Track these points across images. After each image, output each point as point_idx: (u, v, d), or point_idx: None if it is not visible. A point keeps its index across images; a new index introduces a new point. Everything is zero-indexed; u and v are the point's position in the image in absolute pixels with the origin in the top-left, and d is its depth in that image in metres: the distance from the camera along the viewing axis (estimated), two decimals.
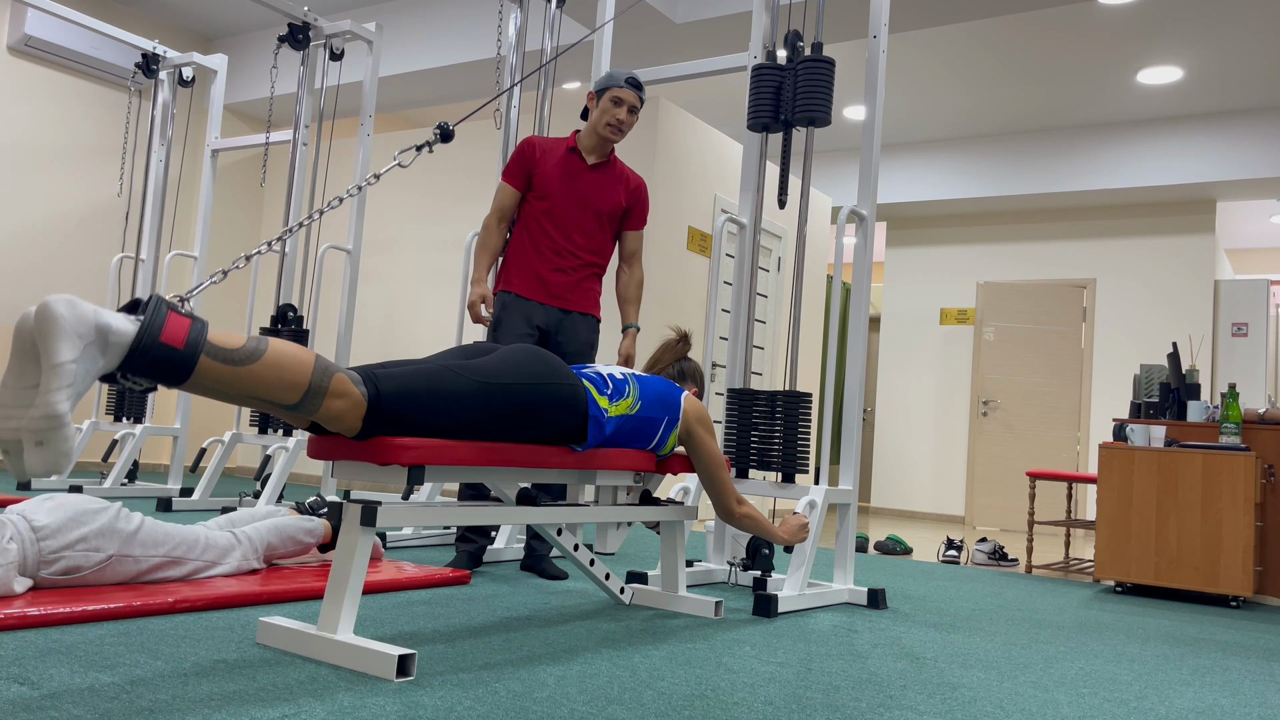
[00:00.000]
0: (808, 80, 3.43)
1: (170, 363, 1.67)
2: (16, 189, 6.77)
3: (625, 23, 5.75)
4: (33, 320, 1.59)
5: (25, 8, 6.56)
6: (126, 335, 1.64)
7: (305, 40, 5.25)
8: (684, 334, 3.06)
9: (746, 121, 3.60)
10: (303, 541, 3.01)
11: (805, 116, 3.43)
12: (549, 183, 3.43)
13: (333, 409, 1.89)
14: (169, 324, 1.68)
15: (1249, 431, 4.35)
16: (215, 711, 1.58)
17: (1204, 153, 7.53)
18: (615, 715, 1.74)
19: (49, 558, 2.35)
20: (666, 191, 6.32)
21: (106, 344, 1.62)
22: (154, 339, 1.65)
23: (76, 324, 1.58)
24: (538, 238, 3.42)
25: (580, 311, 3.46)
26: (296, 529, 3.00)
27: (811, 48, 3.47)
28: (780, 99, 3.53)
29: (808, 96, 3.42)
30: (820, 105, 3.40)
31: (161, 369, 1.67)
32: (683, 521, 2.90)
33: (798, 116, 3.45)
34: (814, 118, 3.42)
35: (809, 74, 3.42)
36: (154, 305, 1.67)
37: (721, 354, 6.79)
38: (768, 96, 3.53)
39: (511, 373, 2.22)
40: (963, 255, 9.08)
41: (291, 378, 1.82)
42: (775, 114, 3.52)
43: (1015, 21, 6.27)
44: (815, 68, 3.42)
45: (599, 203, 3.47)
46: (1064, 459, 8.27)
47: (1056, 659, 2.62)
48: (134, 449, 5.31)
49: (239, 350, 1.77)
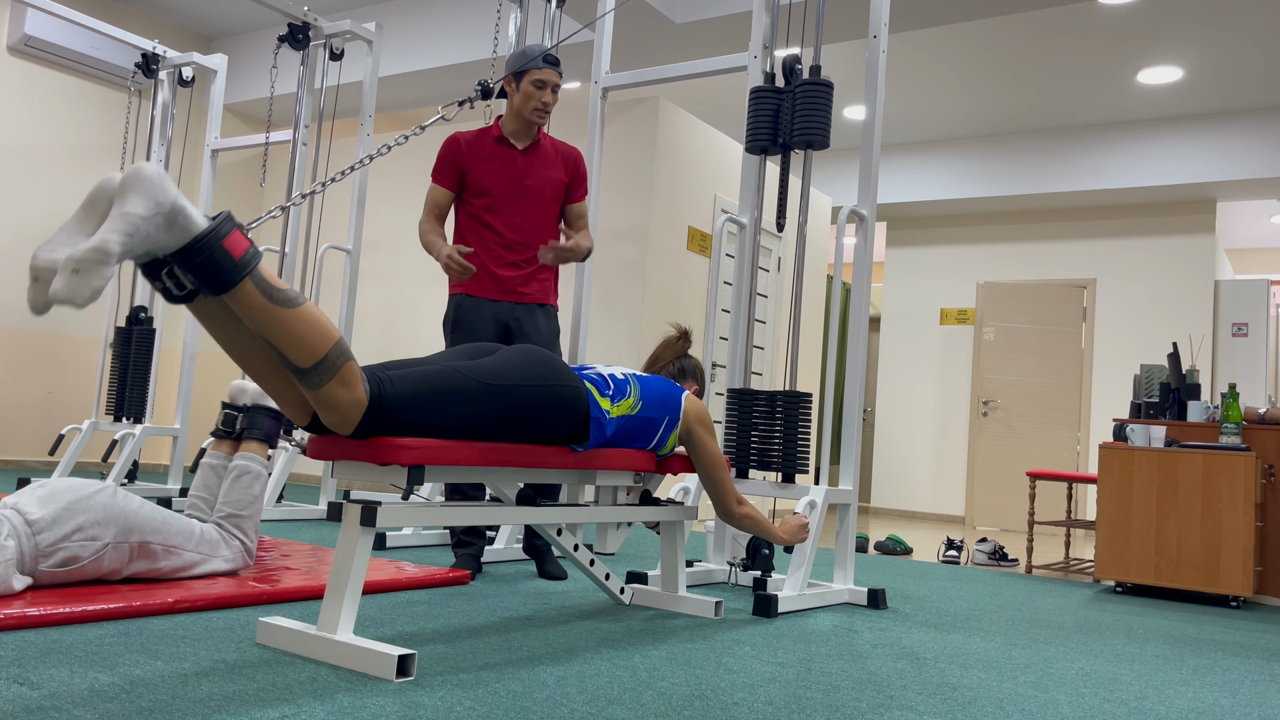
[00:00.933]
0: (806, 103, 3.43)
1: (221, 269, 1.71)
2: (16, 189, 6.77)
3: (625, 23, 5.75)
4: (118, 180, 1.63)
5: (25, 8, 6.56)
6: (195, 225, 1.69)
7: (305, 40, 5.25)
8: (684, 331, 3.05)
9: (745, 144, 3.60)
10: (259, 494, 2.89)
11: (804, 140, 3.44)
12: (484, 178, 3.36)
13: (333, 394, 1.89)
14: (233, 236, 1.73)
15: (1249, 431, 4.35)
16: (215, 711, 1.58)
17: (1204, 153, 7.53)
18: (615, 715, 1.74)
19: (46, 550, 2.32)
20: (666, 191, 6.32)
21: (174, 223, 1.66)
22: (217, 240, 1.70)
23: (159, 191, 1.64)
24: (484, 234, 3.36)
25: (538, 303, 3.42)
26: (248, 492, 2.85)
27: (809, 70, 3.48)
28: (779, 122, 3.53)
29: (806, 120, 3.43)
30: (818, 129, 3.41)
31: (210, 271, 1.70)
32: (683, 521, 2.90)
33: (796, 139, 3.46)
34: (812, 141, 3.43)
35: (807, 97, 3.43)
36: (225, 216, 1.73)
37: (721, 354, 6.78)
38: (766, 119, 3.54)
39: (514, 374, 2.22)
40: (963, 255, 9.08)
41: (314, 340, 1.84)
42: (774, 137, 3.53)
43: (1015, 21, 6.27)
44: (813, 91, 3.42)
45: (538, 186, 3.40)
46: (1064, 459, 8.27)
47: (1056, 659, 2.62)
48: (134, 449, 5.31)
49: (282, 291, 1.81)
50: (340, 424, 1.95)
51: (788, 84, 3.52)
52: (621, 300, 6.19)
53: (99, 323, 7.21)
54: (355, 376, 1.92)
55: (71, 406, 7.06)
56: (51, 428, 6.95)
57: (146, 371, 5.54)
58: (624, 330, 6.16)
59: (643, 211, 6.19)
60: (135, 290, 5.88)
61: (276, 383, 1.97)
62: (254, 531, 2.86)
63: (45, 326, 6.91)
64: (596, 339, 6.27)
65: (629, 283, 6.17)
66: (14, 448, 6.76)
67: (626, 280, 6.18)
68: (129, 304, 6.55)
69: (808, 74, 3.52)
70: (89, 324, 7.17)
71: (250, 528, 2.85)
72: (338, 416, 1.93)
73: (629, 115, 6.34)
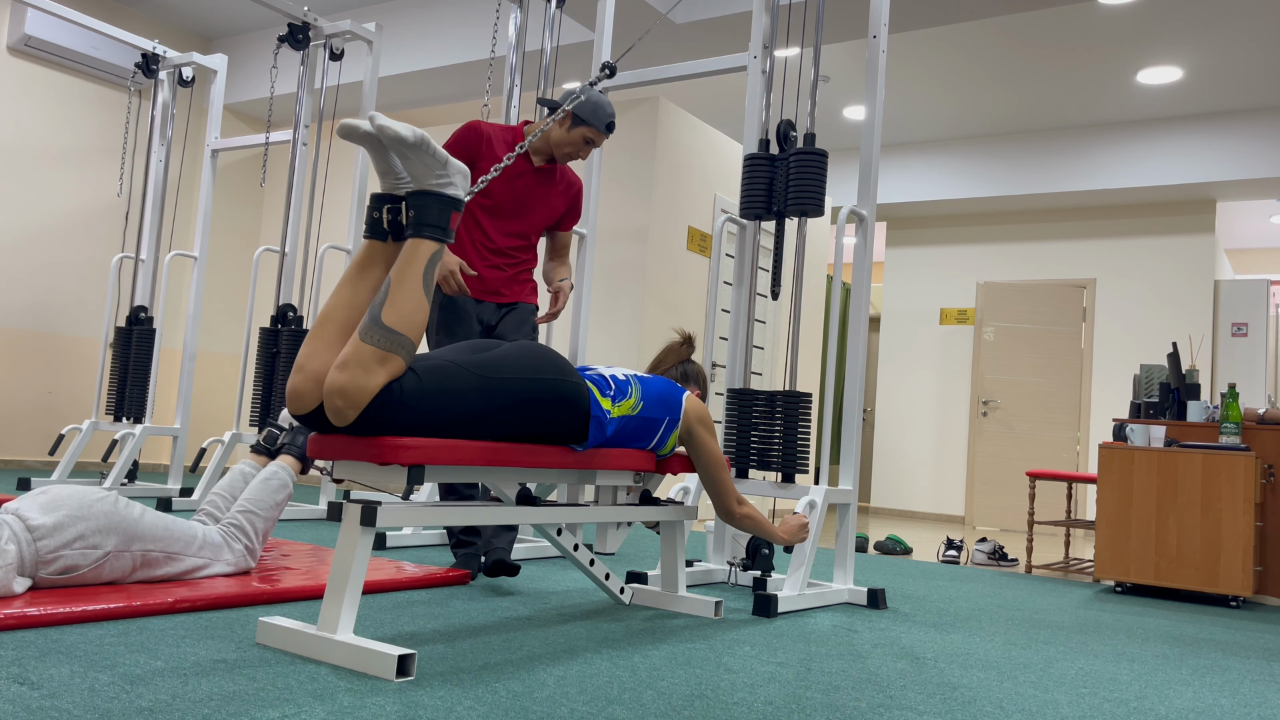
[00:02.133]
0: (800, 172, 3.43)
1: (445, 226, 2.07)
2: (16, 189, 6.77)
3: (625, 23, 5.75)
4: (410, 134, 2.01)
5: (25, 8, 6.56)
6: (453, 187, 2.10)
7: (305, 40, 5.25)
8: (688, 336, 3.06)
9: (739, 210, 3.62)
10: (281, 501, 2.95)
11: (798, 208, 3.45)
12: (496, 180, 3.30)
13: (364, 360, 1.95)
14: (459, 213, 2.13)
15: (1249, 431, 4.35)
16: (215, 711, 1.58)
17: (1204, 153, 7.53)
18: (615, 715, 1.74)
19: (47, 558, 2.33)
20: (666, 191, 6.32)
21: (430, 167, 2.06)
22: (459, 205, 2.10)
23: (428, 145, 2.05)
24: (474, 233, 3.31)
25: (521, 301, 3.40)
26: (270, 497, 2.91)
27: (804, 139, 3.49)
28: (773, 190, 3.55)
29: (800, 189, 3.43)
30: (812, 198, 3.42)
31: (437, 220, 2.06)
32: (683, 521, 2.90)
33: (790, 208, 3.47)
34: (806, 210, 3.44)
35: (801, 166, 3.44)
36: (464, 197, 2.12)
37: (721, 354, 6.78)
38: (760, 187, 3.56)
39: (516, 368, 2.22)
40: (963, 255, 9.08)
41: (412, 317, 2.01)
42: (768, 205, 3.55)
43: (1015, 21, 6.27)
44: (807, 160, 3.43)
45: (539, 211, 3.39)
46: (1064, 459, 8.27)
47: (1056, 659, 2.62)
48: (134, 449, 5.31)
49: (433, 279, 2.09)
50: (343, 409, 1.94)
51: (781, 151, 3.54)
52: (621, 300, 6.19)
53: (99, 323, 7.21)
54: (393, 369, 1.97)
55: (71, 406, 7.06)
56: (51, 428, 6.95)
57: (146, 371, 5.54)
58: (624, 330, 6.16)
59: (643, 211, 6.19)
60: (135, 290, 5.88)
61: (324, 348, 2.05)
62: (262, 535, 2.88)
63: (45, 327, 6.91)
64: (596, 339, 6.27)
65: (629, 283, 6.17)
66: (14, 448, 6.76)
67: (626, 280, 6.18)
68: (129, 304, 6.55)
69: (802, 142, 3.54)
70: (89, 324, 7.17)
71: (261, 528, 2.87)
72: (353, 391, 1.93)
73: (629, 115, 6.34)
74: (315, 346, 2.03)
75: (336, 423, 1.97)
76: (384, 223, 2.09)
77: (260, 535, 2.87)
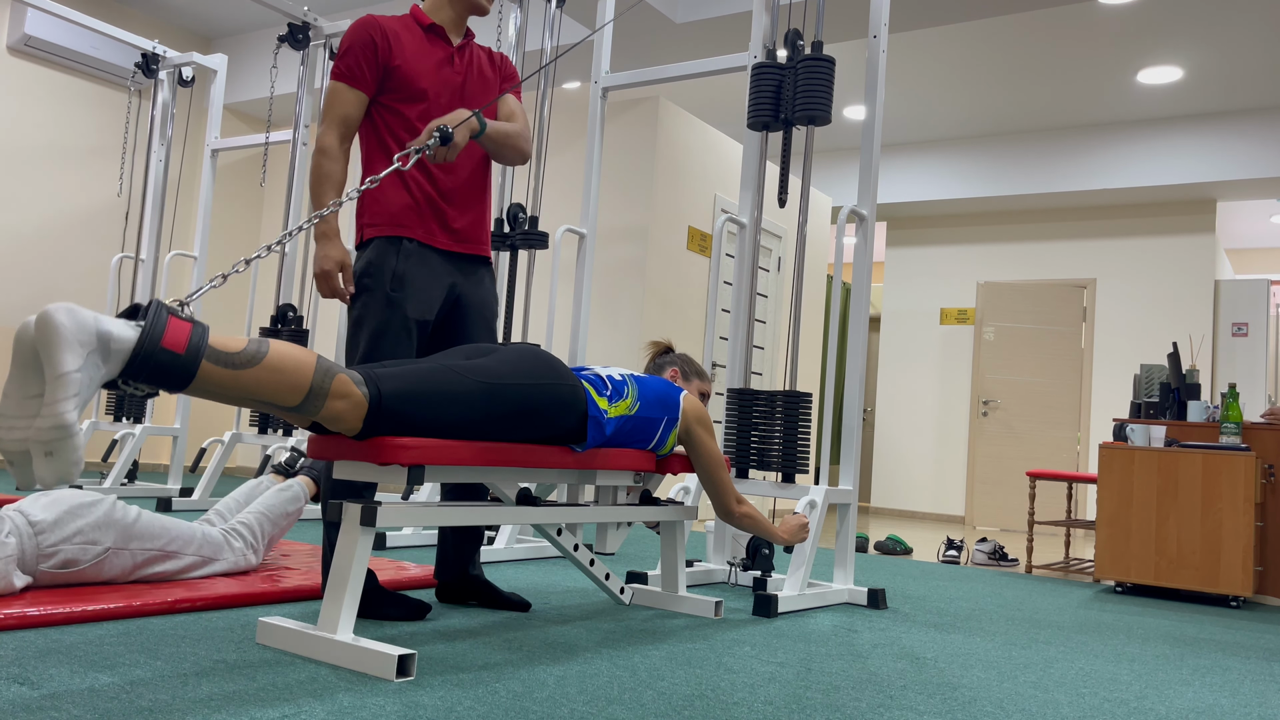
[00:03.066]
0: (808, 79, 3.42)
1: (172, 369, 1.68)
2: (16, 189, 6.77)
3: (625, 23, 5.75)
4: (33, 330, 1.60)
5: (25, 8, 6.56)
6: (128, 342, 1.64)
7: (305, 40, 5.25)
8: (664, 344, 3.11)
9: (746, 120, 3.59)
10: (292, 513, 3.01)
11: (805, 115, 3.43)
12: (418, 77, 2.55)
13: (334, 410, 1.90)
14: (170, 329, 1.68)
15: (1249, 431, 4.35)
16: (215, 711, 1.58)
17: (1204, 153, 7.53)
18: (615, 715, 1.74)
19: (47, 551, 2.36)
20: (666, 191, 6.32)
21: (109, 351, 1.62)
22: (155, 345, 1.66)
23: (78, 332, 1.59)
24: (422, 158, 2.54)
25: (484, 256, 2.70)
26: (282, 506, 2.97)
27: (812, 46, 3.48)
28: (780, 98, 3.52)
29: (808, 95, 3.42)
30: (820, 104, 3.40)
31: (163, 375, 1.68)
32: (683, 521, 2.90)
33: (798, 115, 3.45)
34: (814, 116, 3.42)
35: (809, 73, 3.42)
36: (154, 311, 1.68)
37: (722, 354, 6.79)
38: (768, 95, 3.53)
39: (512, 373, 2.22)
40: (963, 255, 9.08)
41: (293, 380, 1.83)
42: (775, 113, 3.52)
43: (1015, 21, 6.27)
44: (815, 66, 3.42)
45: (479, 95, 2.66)
46: (1064, 459, 8.27)
47: (1056, 659, 2.62)
48: (134, 449, 5.31)
49: (240, 354, 1.77)
50: (346, 429, 1.96)
51: (790, 59, 3.52)
52: (621, 300, 6.19)
53: None
54: (348, 385, 1.91)
55: None
56: None
57: None
58: (624, 330, 6.16)
59: (643, 211, 6.19)
60: (135, 290, 5.88)
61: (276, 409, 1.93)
62: (267, 538, 2.91)
63: None
64: (596, 339, 6.27)
65: (629, 283, 6.17)
66: None
67: (626, 280, 6.18)
68: (129, 304, 6.55)
69: (810, 49, 3.51)
70: None
71: (267, 530, 2.92)
72: (344, 425, 1.95)
73: (629, 115, 6.33)
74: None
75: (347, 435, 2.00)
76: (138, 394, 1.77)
77: (264, 537, 2.90)
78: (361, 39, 2.51)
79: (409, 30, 2.58)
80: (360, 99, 2.52)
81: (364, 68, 2.51)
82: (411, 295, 2.50)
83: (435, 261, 2.56)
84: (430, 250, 2.55)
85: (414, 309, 2.51)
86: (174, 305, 1.74)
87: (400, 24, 2.58)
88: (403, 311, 2.50)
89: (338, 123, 2.50)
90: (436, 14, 2.63)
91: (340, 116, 2.50)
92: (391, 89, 2.54)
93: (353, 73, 2.50)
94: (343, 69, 2.51)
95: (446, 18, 2.63)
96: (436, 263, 2.56)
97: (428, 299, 2.54)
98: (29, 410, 1.60)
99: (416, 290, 2.51)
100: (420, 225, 2.54)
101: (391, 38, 2.54)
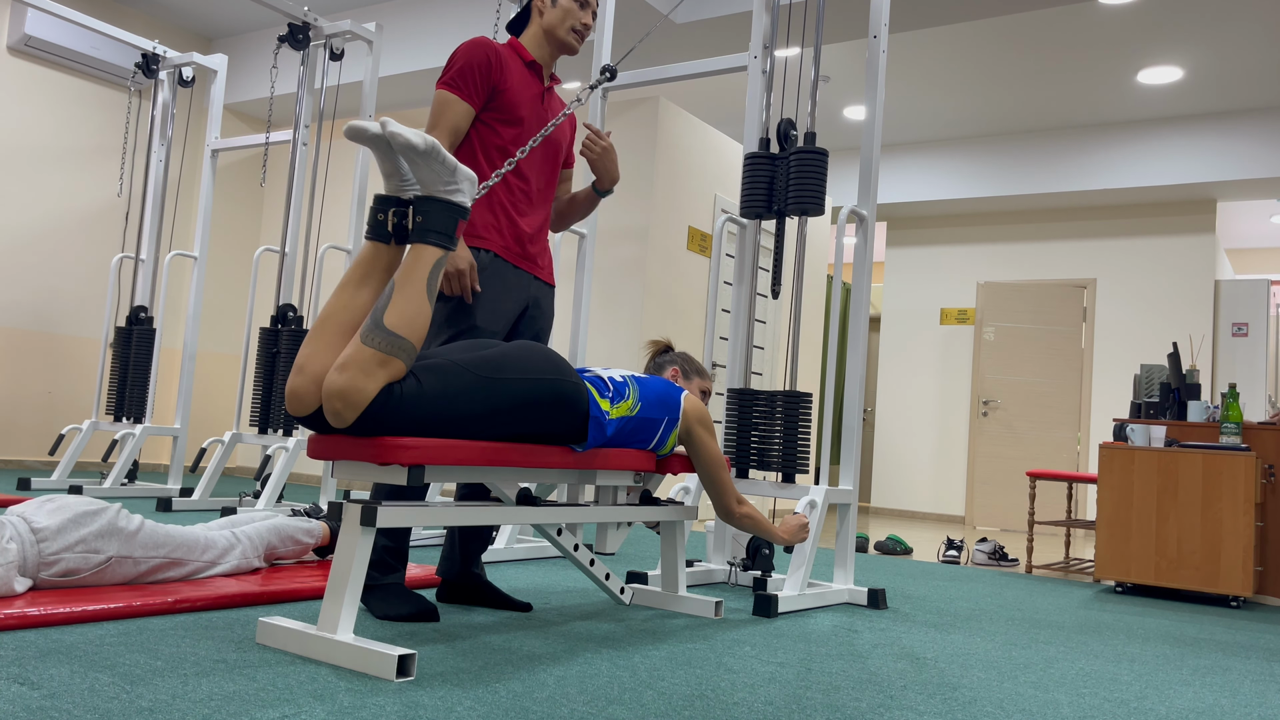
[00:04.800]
0: (800, 171, 3.43)
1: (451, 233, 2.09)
2: (16, 189, 6.77)
3: (625, 23, 5.75)
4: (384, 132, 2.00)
5: (25, 8, 6.56)
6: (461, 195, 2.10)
7: (305, 40, 5.25)
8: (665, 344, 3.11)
9: (740, 209, 3.62)
10: (302, 542, 3.03)
11: (798, 207, 3.44)
12: (519, 105, 2.66)
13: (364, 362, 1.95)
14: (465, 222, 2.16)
15: (1249, 431, 4.35)
16: (215, 711, 1.58)
17: (1204, 153, 7.53)
18: (615, 715, 1.74)
19: (48, 560, 2.35)
20: (666, 191, 6.32)
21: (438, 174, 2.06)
22: (465, 213, 2.10)
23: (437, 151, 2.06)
24: (509, 176, 2.67)
25: (550, 283, 2.83)
26: (295, 529, 3.02)
27: (804, 138, 3.49)
28: (773, 189, 3.54)
29: (800, 188, 3.43)
30: (813, 197, 3.42)
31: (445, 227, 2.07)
32: (683, 521, 2.90)
33: (790, 207, 3.46)
34: (806, 209, 3.43)
35: (801, 165, 3.43)
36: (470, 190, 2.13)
37: (722, 354, 6.79)
38: (761, 187, 3.55)
39: (515, 368, 2.22)
40: (963, 255, 9.08)
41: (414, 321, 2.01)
42: (768, 204, 3.55)
43: (1015, 21, 6.27)
44: (808, 159, 3.43)
45: (559, 135, 2.79)
46: (1064, 459, 8.27)
47: (1056, 659, 2.62)
48: (134, 449, 5.31)
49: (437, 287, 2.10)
50: (341, 411, 1.94)
51: (782, 150, 3.54)
52: (621, 300, 6.19)
53: (99, 323, 7.21)
54: (392, 372, 1.98)
55: (71, 406, 7.06)
56: (51, 428, 6.95)
57: (146, 371, 5.54)
58: (624, 330, 6.16)
59: (643, 211, 6.19)
60: (135, 290, 5.88)
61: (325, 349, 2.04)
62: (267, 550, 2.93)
63: (45, 327, 6.91)
64: (596, 339, 6.27)
65: (629, 283, 6.17)
66: (14, 448, 6.76)
67: (626, 280, 6.18)
68: (129, 304, 6.55)
69: (802, 141, 3.54)
70: (89, 324, 7.17)
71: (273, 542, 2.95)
72: (352, 393, 1.93)
73: (629, 115, 6.34)
74: (315, 348, 2.03)
75: (335, 424, 1.97)
76: (389, 225, 2.09)
77: (265, 547, 2.90)
78: (477, 57, 2.60)
79: (513, 60, 2.69)
80: (469, 112, 2.60)
81: (477, 83, 2.60)
82: (481, 304, 2.58)
83: (510, 275, 2.65)
84: (505, 264, 2.64)
85: (483, 318, 2.58)
86: None
87: (507, 53, 2.69)
88: (473, 321, 2.57)
89: (449, 132, 2.58)
90: (535, 51, 2.75)
91: (451, 126, 2.58)
92: (494, 109, 2.63)
93: (465, 86, 2.59)
94: (457, 81, 2.59)
95: (542, 56, 2.76)
96: (511, 278, 2.65)
97: (498, 310, 2.61)
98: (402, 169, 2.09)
99: (487, 300, 2.59)
100: (499, 239, 2.64)
101: (502, 63, 2.64)
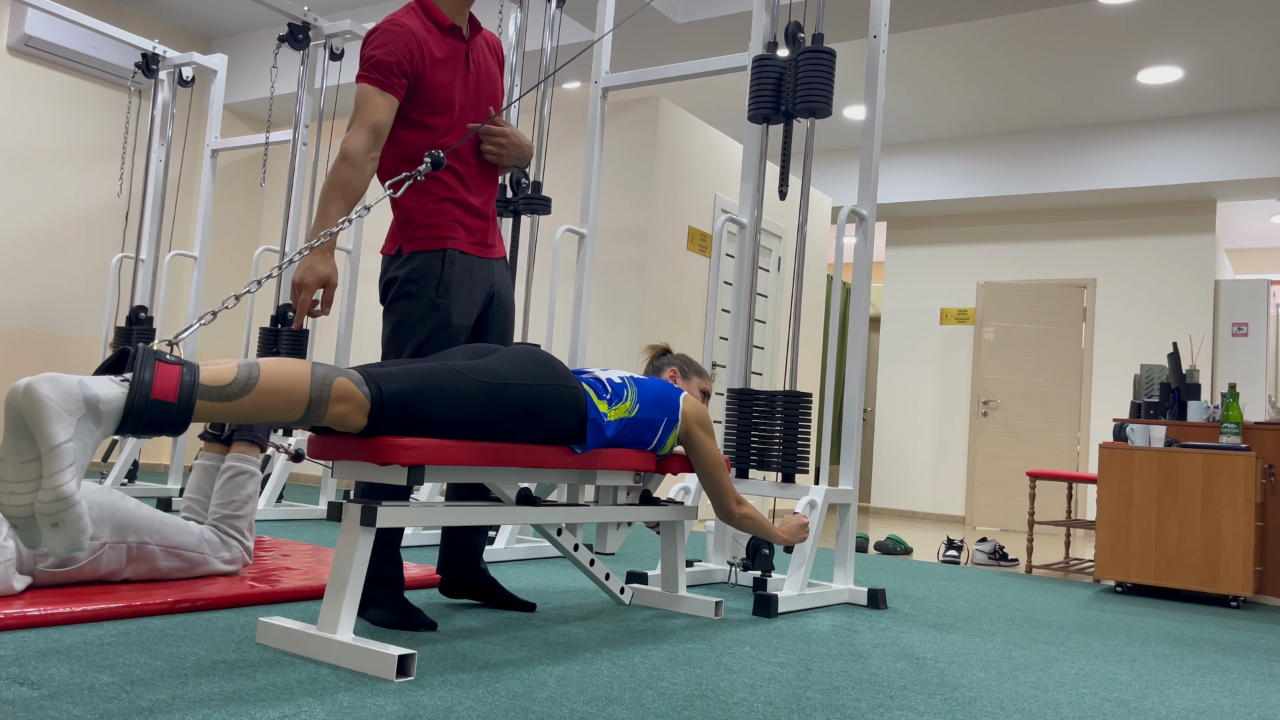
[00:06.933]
0: (808, 71, 3.42)
1: (167, 417, 1.65)
2: (16, 189, 6.77)
3: (625, 23, 5.75)
4: (20, 400, 1.55)
5: (25, 8, 6.56)
6: (117, 401, 1.61)
7: (305, 40, 5.25)
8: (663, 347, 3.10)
9: (747, 113, 3.59)
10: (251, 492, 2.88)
11: (806, 107, 3.43)
12: (448, 87, 2.49)
13: (337, 413, 1.90)
14: (159, 378, 1.65)
15: (1249, 431, 4.35)
16: (215, 711, 1.58)
17: (1204, 153, 7.53)
18: (615, 715, 1.74)
19: (44, 551, 2.34)
20: (666, 191, 6.32)
21: (99, 414, 1.59)
22: (146, 399, 1.63)
23: (64, 401, 1.55)
24: (452, 164, 2.53)
25: (504, 257, 2.74)
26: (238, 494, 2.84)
27: (812, 39, 3.47)
28: (781, 90, 3.52)
29: (808, 87, 3.41)
30: (821, 96, 3.40)
31: (159, 424, 1.65)
32: (683, 521, 2.90)
33: (798, 107, 3.44)
34: (815, 108, 3.42)
35: (810, 65, 3.42)
36: (140, 362, 1.64)
37: (722, 354, 6.79)
38: (768, 88, 3.53)
39: (513, 373, 2.22)
40: (963, 255, 9.08)
41: (291, 398, 1.81)
42: (776, 105, 3.52)
43: (1015, 21, 6.27)
44: (816, 59, 3.41)
45: (492, 94, 2.61)
46: (1064, 459, 8.27)
47: (1056, 659, 2.62)
48: (134, 449, 5.31)
49: (231, 385, 1.75)
50: (353, 427, 1.96)
51: (790, 53, 3.52)
52: (621, 300, 6.19)
53: (99, 323, 7.21)
54: (348, 388, 1.91)
55: None
56: None
57: None
58: (624, 330, 6.16)
59: (643, 211, 6.19)
60: (135, 290, 5.88)
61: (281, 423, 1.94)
62: (249, 530, 2.86)
63: (45, 326, 6.91)
64: (596, 339, 6.27)
65: (629, 283, 6.17)
66: None
67: (626, 280, 6.18)
68: (129, 304, 6.55)
69: (810, 42, 3.50)
70: (89, 324, 7.17)
71: (245, 527, 2.85)
72: (349, 424, 1.94)
73: (629, 115, 6.34)
74: None
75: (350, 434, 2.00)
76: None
77: (247, 532, 2.86)
78: (395, 45, 2.39)
79: (430, 33, 2.48)
80: (393, 105, 2.41)
81: (396, 74, 2.40)
82: (456, 302, 2.52)
83: (477, 268, 2.58)
84: (472, 259, 2.57)
85: (458, 315, 2.53)
86: (162, 348, 1.72)
87: (422, 27, 2.46)
88: (447, 318, 2.53)
89: (369, 128, 2.36)
90: (447, 6, 2.52)
91: (373, 122, 2.36)
92: (421, 102, 2.45)
93: (386, 78, 2.38)
94: (375, 74, 2.38)
95: (451, 8, 2.53)
96: (478, 269, 2.59)
97: (470, 305, 2.56)
98: (28, 474, 1.56)
99: (460, 297, 2.53)
100: (465, 237, 2.55)
101: (423, 46, 2.43)
